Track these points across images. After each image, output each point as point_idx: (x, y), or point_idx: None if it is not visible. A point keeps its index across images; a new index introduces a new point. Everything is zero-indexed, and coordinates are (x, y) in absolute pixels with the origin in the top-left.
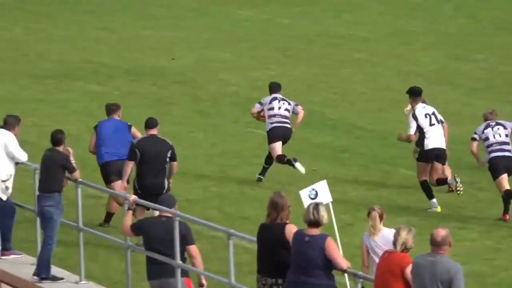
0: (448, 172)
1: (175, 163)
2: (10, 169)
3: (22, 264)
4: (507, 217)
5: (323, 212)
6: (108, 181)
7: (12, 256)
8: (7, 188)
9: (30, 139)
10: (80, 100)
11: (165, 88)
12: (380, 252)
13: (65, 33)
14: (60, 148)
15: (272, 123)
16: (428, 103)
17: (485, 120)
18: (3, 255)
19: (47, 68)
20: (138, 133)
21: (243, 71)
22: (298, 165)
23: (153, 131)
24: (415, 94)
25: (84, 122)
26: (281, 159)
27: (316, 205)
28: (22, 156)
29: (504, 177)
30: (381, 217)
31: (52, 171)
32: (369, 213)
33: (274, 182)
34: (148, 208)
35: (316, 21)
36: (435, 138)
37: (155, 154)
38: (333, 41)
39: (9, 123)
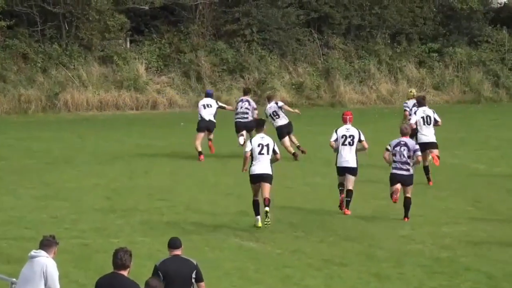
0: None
1: (202, 284)
2: None
3: None
4: None
5: None
6: None
7: None
8: None
9: None
10: None
11: (335, 245)
12: None
13: None
14: None
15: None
16: None
17: None
18: None
19: None
20: None
21: (429, 226)
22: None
23: (177, 252)
24: None
25: None
26: None
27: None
28: None
29: None
30: None
31: None
32: None
33: None
34: None
35: None
36: None
37: (178, 275)
38: None
39: None
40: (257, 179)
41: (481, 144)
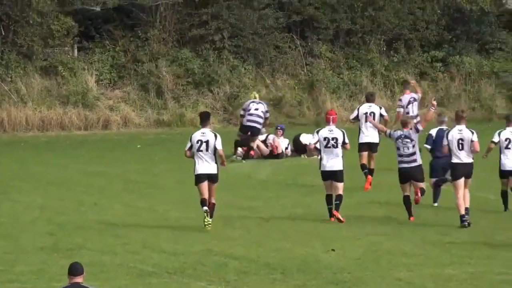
0: None
1: None
2: None
3: None
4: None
5: None
6: None
7: None
8: None
9: None
10: None
11: None
12: None
13: None
14: None
15: None
16: None
17: None
18: None
19: None
20: None
21: (431, 267)
22: None
23: (78, 279)
24: None
25: None
26: None
27: None
28: None
29: None
30: None
31: None
32: None
33: None
34: None
35: None
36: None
37: None
38: None
39: None
40: (202, 179)
41: (492, 170)
